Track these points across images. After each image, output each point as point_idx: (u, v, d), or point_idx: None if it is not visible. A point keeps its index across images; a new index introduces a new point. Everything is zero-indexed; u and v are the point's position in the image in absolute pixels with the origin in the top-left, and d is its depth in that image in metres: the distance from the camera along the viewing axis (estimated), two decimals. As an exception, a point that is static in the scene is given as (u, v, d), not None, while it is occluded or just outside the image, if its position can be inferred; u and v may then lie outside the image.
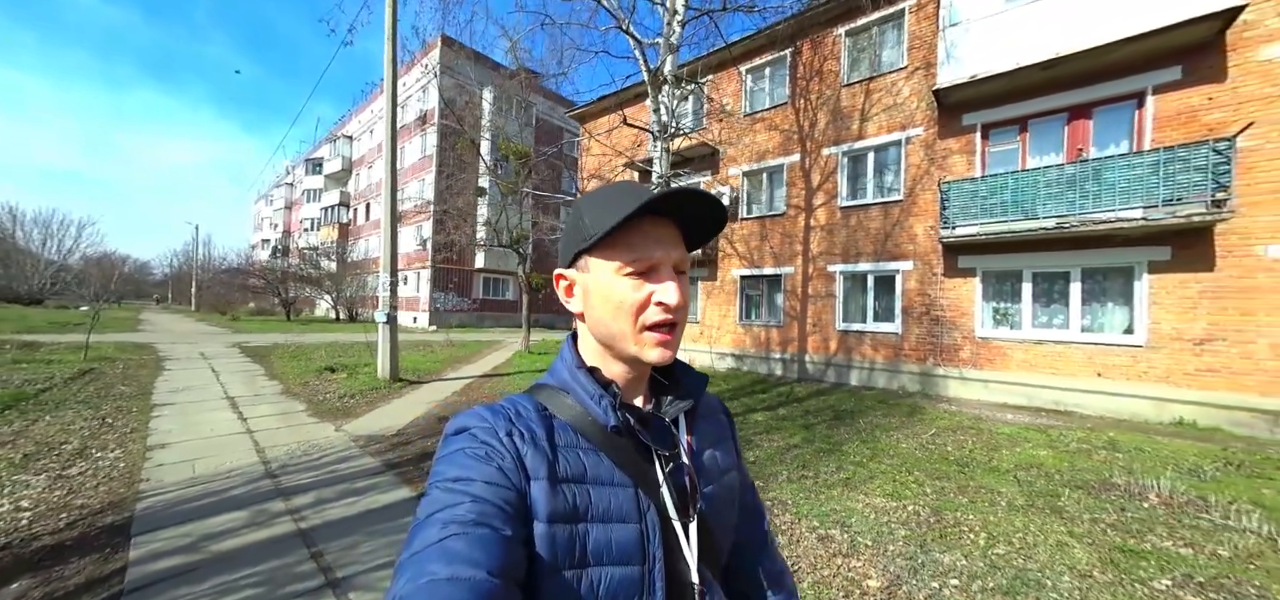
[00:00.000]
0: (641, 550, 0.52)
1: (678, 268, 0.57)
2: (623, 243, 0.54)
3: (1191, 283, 6.59)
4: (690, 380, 0.65)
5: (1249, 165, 6.21)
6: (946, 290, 8.83)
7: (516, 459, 0.50)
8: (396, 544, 2.81)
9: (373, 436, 4.85)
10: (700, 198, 0.54)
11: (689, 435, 0.63)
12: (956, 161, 8.78)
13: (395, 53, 7.44)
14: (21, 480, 3.47)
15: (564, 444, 0.54)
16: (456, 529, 0.42)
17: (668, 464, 0.57)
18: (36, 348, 9.82)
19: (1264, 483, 4.19)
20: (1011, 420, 6.57)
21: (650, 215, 0.55)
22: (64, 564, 2.47)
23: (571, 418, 0.56)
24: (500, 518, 0.45)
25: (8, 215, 33.59)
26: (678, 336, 0.57)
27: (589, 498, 0.52)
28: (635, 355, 0.56)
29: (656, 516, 0.54)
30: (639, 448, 0.57)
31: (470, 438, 0.51)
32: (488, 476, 0.47)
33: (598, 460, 0.54)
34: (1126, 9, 6.63)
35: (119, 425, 4.92)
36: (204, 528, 2.85)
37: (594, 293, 0.57)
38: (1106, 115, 7.45)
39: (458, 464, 0.49)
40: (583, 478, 0.52)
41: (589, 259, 0.57)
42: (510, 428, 0.52)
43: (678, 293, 0.55)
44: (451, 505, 0.44)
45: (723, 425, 0.72)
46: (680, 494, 0.57)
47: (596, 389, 0.57)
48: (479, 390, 7.60)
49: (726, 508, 0.65)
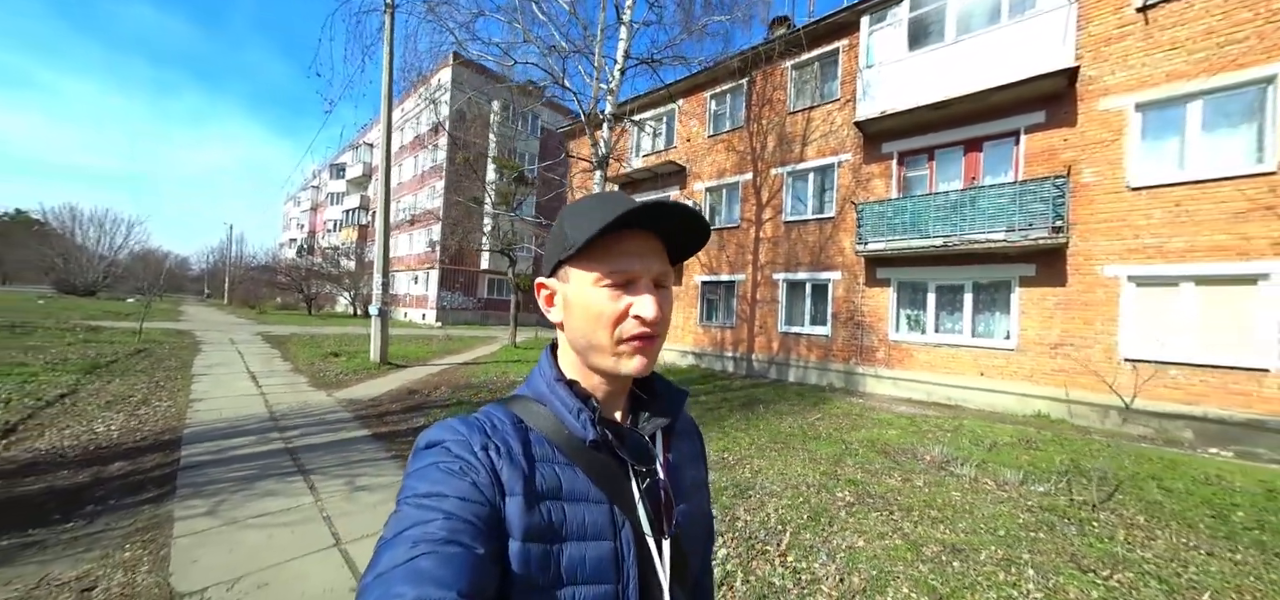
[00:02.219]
0: (616, 568, 0.51)
1: (659, 281, 0.56)
2: (602, 254, 0.53)
3: (1050, 296, 7.63)
4: (669, 395, 0.65)
5: (1090, 198, 7.25)
6: (868, 298, 9.95)
7: (492, 474, 0.49)
8: (344, 454, 4.26)
9: (353, 400, 6.36)
10: (680, 212, 0.53)
11: (666, 452, 0.62)
12: (877, 184, 9.92)
13: (391, 93, 9.02)
14: (108, 416, 5.06)
15: (540, 457, 0.53)
16: (427, 547, 0.40)
17: (644, 480, 0.56)
18: (100, 331, 11.79)
19: (1029, 453, 5.31)
20: (901, 410, 7.68)
21: (632, 228, 0.54)
22: (141, 456, 3.99)
23: (548, 431, 0.55)
24: (473, 535, 0.43)
25: (68, 215, 37.11)
26: (656, 349, 0.56)
27: (564, 514, 0.50)
28: (612, 367, 0.55)
29: (631, 534, 0.54)
30: (616, 463, 0.56)
31: (443, 451, 0.50)
32: (461, 492, 0.46)
33: (573, 475, 0.53)
34: (997, 62, 7.72)
35: (169, 386, 6.56)
36: (227, 444, 4.35)
37: (573, 303, 0.56)
38: (993, 149, 8.52)
39: (429, 479, 0.47)
40: (558, 493, 0.51)
41: (569, 269, 0.56)
42: (486, 441, 0.51)
43: (655, 306, 0.53)
44: (422, 522, 0.43)
45: (696, 443, 0.72)
46: (655, 511, 0.56)
47: (575, 403, 0.56)
48: (454, 374, 9.08)
49: (698, 526, 0.65)
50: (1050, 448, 5.61)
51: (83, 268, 33.98)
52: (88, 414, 5.06)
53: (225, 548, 2.65)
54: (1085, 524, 3.48)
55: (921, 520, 3.41)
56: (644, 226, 0.54)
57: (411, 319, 28.77)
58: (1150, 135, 6.95)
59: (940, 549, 2.99)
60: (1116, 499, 4.02)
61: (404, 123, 29.90)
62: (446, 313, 27.52)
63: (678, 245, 0.58)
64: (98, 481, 3.48)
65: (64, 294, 31.42)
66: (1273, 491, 4.27)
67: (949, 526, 3.33)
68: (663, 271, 0.56)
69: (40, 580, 2.30)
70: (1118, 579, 2.72)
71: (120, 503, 3.16)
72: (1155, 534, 3.37)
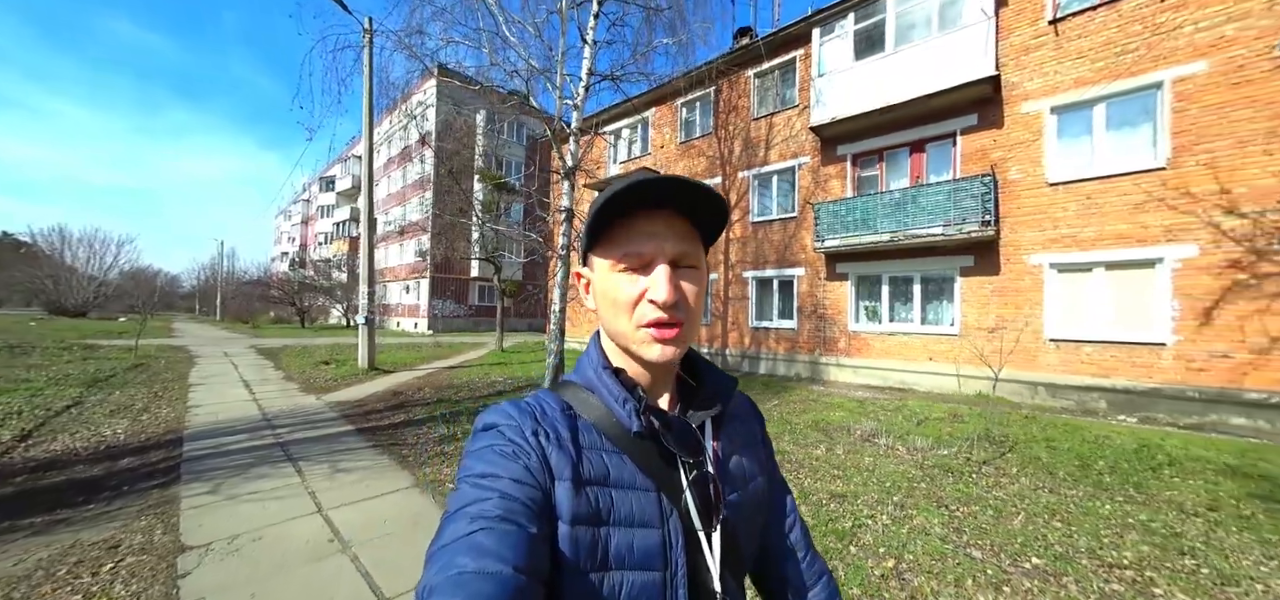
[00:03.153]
0: (663, 556, 0.51)
1: (680, 261, 0.54)
2: (617, 238, 0.54)
3: (986, 284, 8.28)
4: (718, 383, 0.64)
5: (1016, 193, 7.92)
6: (829, 292, 10.58)
7: (542, 458, 0.50)
8: (329, 446, 4.80)
9: (341, 402, 6.88)
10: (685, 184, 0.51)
11: (715, 440, 0.62)
12: (835, 185, 10.56)
13: (371, 115, 9.55)
14: (113, 422, 5.56)
15: (588, 445, 0.54)
16: (484, 524, 0.42)
17: (692, 471, 0.56)
18: (97, 349, 12.20)
19: (953, 425, 5.93)
20: (855, 395, 8.28)
21: (646, 209, 0.53)
22: (147, 453, 4.51)
23: (596, 418, 0.56)
24: (526, 515, 0.45)
25: (57, 237, 37.19)
26: (683, 334, 0.54)
27: (612, 501, 0.51)
28: (637, 354, 0.55)
29: (679, 523, 0.53)
30: (663, 453, 0.55)
31: (498, 434, 0.52)
32: (515, 474, 0.48)
33: (621, 463, 0.54)
34: (931, 70, 8.39)
35: (168, 396, 7.05)
36: (224, 440, 4.88)
37: (598, 290, 0.57)
38: (935, 150, 9.19)
39: (486, 460, 0.49)
40: (606, 480, 0.52)
41: (593, 257, 0.57)
42: (536, 427, 0.52)
43: (668, 287, 0.52)
44: (479, 500, 0.45)
45: (753, 427, 0.71)
46: (704, 501, 0.56)
47: (621, 391, 0.56)
48: (438, 378, 9.60)
49: (753, 515, 0.64)
50: (973, 421, 6.23)
51: (73, 288, 34.09)
52: (94, 421, 5.56)
53: (225, 516, 3.19)
54: (965, 476, 4.09)
55: (821, 478, 4.00)
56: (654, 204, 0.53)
57: (404, 328, 29.18)
58: (1065, 135, 7.63)
59: (827, 497, 3.58)
60: (1007, 457, 4.64)
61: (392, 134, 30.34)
62: (438, 321, 27.94)
63: (703, 225, 0.57)
64: (111, 474, 4.00)
65: (55, 315, 31.53)
66: (1142, 448, 4.91)
67: (845, 482, 3.92)
68: (682, 252, 0.54)
69: (73, 543, 2.84)
70: (963, 511, 3.33)
71: (133, 488, 3.68)
72: (1018, 480, 3.99)
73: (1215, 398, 6.18)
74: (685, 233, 0.55)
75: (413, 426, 5.56)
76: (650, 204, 0.53)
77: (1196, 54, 6.33)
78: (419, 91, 18.12)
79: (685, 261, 0.55)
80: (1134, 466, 4.37)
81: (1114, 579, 2.49)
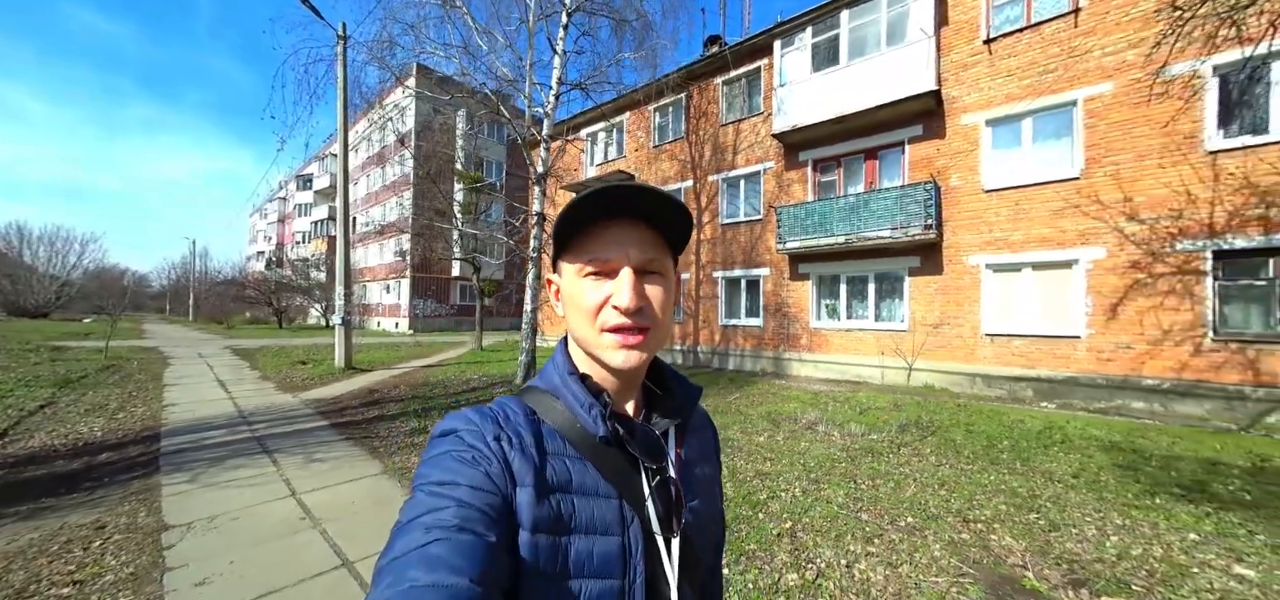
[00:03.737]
0: (623, 563, 0.52)
1: (644, 268, 0.55)
2: (583, 245, 0.55)
3: (931, 283, 8.93)
4: (683, 392, 0.65)
5: (957, 199, 8.56)
6: (792, 291, 11.15)
7: (504, 464, 0.50)
8: (303, 439, 5.09)
9: (316, 400, 7.12)
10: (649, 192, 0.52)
11: (678, 448, 0.62)
12: (797, 189, 11.12)
13: (345, 120, 9.72)
14: (89, 420, 5.73)
15: (552, 450, 0.53)
16: (440, 534, 0.41)
17: (654, 477, 0.57)
18: (65, 351, 12.07)
19: (892, 414, 6.49)
20: (813, 388, 8.82)
21: (610, 216, 0.54)
22: (125, 448, 4.74)
23: (560, 424, 0.55)
24: (485, 523, 0.44)
25: (15, 233, 35.76)
26: (648, 341, 0.54)
27: (574, 507, 0.51)
28: (602, 360, 0.55)
29: (640, 530, 0.54)
30: (626, 459, 0.56)
31: (457, 440, 0.51)
32: (473, 481, 0.47)
33: (584, 469, 0.53)
34: (880, 84, 8.98)
35: (142, 396, 7.19)
36: (201, 436, 5.12)
37: (564, 296, 0.58)
38: (887, 157, 9.81)
39: (443, 467, 0.48)
40: (568, 487, 0.52)
41: (561, 263, 0.58)
42: (498, 432, 0.52)
43: (631, 294, 0.52)
44: (435, 509, 0.44)
45: (709, 440, 0.72)
46: (665, 508, 0.56)
47: (587, 397, 0.56)
48: (413, 376, 9.85)
49: (710, 524, 0.65)
50: (910, 409, 6.82)
51: (33, 288, 32.87)
52: (70, 419, 5.73)
53: (204, 500, 3.50)
54: (882, 456, 4.61)
55: (754, 459, 4.47)
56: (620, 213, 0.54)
57: (385, 328, 29.01)
58: (998, 146, 8.29)
59: (753, 475, 4.05)
60: (927, 440, 5.19)
61: (370, 131, 30.06)
62: (419, 320, 27.88)
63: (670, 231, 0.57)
64: (91, 467, 4.24)
65: (13, 316, 30.41)
66: (1046, 430, 5.52)
67: (774, 463, 4.40)
68: (647, 258, 0.55)
69: (61, 526, 3.12)
70: (867, 484, 3.83)
71: (113, 480, 3.94)
72: (928, 458, 4.52)
73: (1120, 384, 6.89)
74: (651, 240, 0.56)
75: (386, 421, 5.87)
76: (615, 211, 0.54)
77: (1104, 76, 7.02)
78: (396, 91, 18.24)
79: (650, 268, 0.55)
80: (1031, 445, 4.96)
81: (965, 531, 3.01)
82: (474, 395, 7.74)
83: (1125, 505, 3.41)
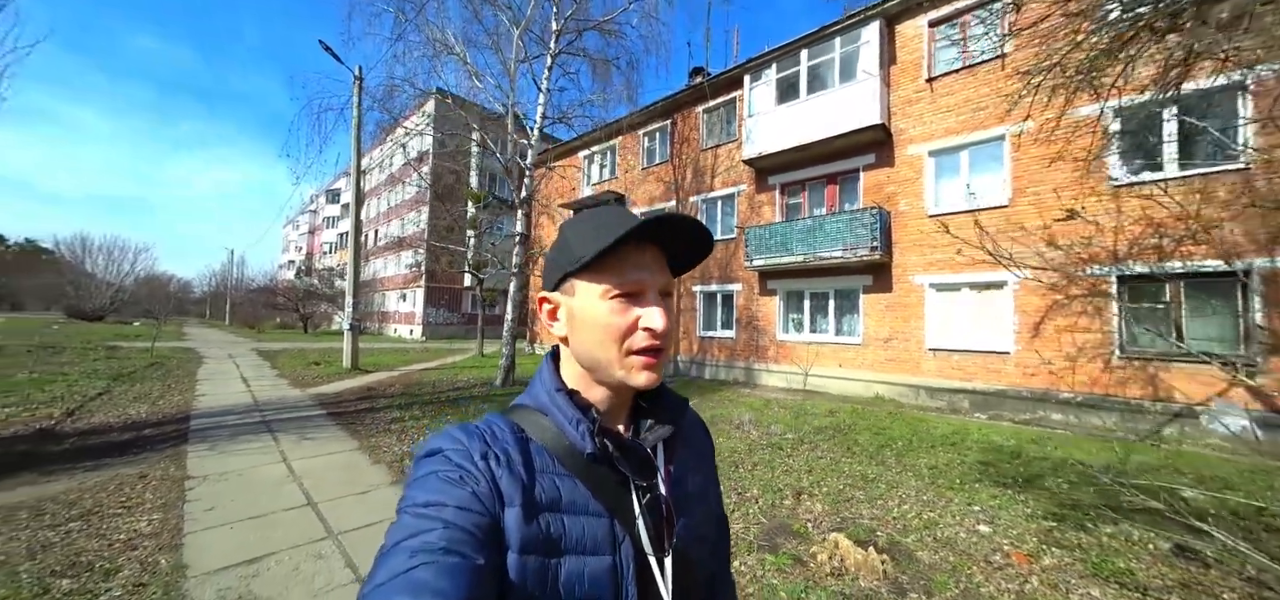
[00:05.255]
0: (614, 584, 0.51)
1: (664, 291, 0.56)
2: (610, 267, 0.54)
3: (882, 300, 9.54)
4: (670, 403, 0.65)
5: (905, 223, 9.21)
6: (761, 305, 11.86)
7: (492, 483, 0.49)
8: (301, 423, 6.14)
9: (321, 394, 8.25)
10: (689, 225, 0.54)
11: (668, 463, 0.62)
12: (766, 211, 11.89)
13: (359, 149, 11.04)
14: (137, 405, 6.96)
15: (540, 468, 0.53)
16: (425, 558, 0.41)
17: (645, 495, 0.56)
18: (117, 350, 13.74)
19: (828, 419, 7.16)
20: (770, 396, 9.50)
21: (637, 240, 0.54)
22: (164, 426, 5.89)
23: (548, 441, 0.55)
24: (472, 545, 0.43)
25: (79, 244, 39.32)
26: (663, 360, 0.56)
27: (563, 527, 0.50)
28: (621, 380, 0.55)
29: (631, 549, 0.53)
30: (616, 476, 0.55)
31: (443, 460, 0.50)
32: (460, 501, 0.46)
33: (573, 487, 0.53)
34: (836, 116, 9.74)
35: (179, 387, 8.46)
36: (221, 418, 6.25)
37: (579, 317, 0.56)
38: (845, 183, 10.51)
39: (429, 488, 0.47)
40: (557, 505, 0.51)
41: (576, 282, 0.56)
42: (485, 450, 0.51)
43: (663, 318, 0.54)
44: (421, 531, 0.43)
45: (703, 446, 0.72)
46: (656, 526, 0.56)
47: (575, 413, 0.55)
48: (410, 377, 10.95)
49: (706, 536, 0.64)
50: (843, 415, 7.46)
51: (92, 294, 36.02)
52: (121, 404, 6.97)
53: (219, 462, 4.54)
54: (782, 450, 5.33)
55: (665, 448, 5.28)
56: (654, 240, 0.55)
57: (400, 334, 30.67)
58: (941, 175, 8.93)
59: (656, 459, 4.86)
60: (833, 439, 5.88)
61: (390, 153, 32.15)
62: (432, 328, 29.41)
63: (679, 256, 0.59)
64: (137, 438, 5.37)
65: (74, 319, 33.42)
66: (951, 435, 6.12)
67: (681, 452, 5.20)
68: (667, 282, 0.57)
69: (115, 474, 4.19)
70: (746, 470, 4.59)
71: (153, 447, 5.04)
72: (820, 452, 5.23)
73: (1042, 397, 7.39)
74: (666, 264, 0.58)
75: (373, 412, 6.90)
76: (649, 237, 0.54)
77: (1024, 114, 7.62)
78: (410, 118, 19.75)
79: (668, 290, 0.57)
80: (921, 446, 5.60)
81: (791, 499, 3.76)
82: (458, 393, 8.73)
83: (947, 489, 4.09)
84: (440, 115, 23.87)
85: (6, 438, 5.07)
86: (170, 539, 2.99)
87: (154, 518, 3.29)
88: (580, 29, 10.04)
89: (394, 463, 4.65)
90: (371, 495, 3.86)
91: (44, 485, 3.82)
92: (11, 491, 3.66)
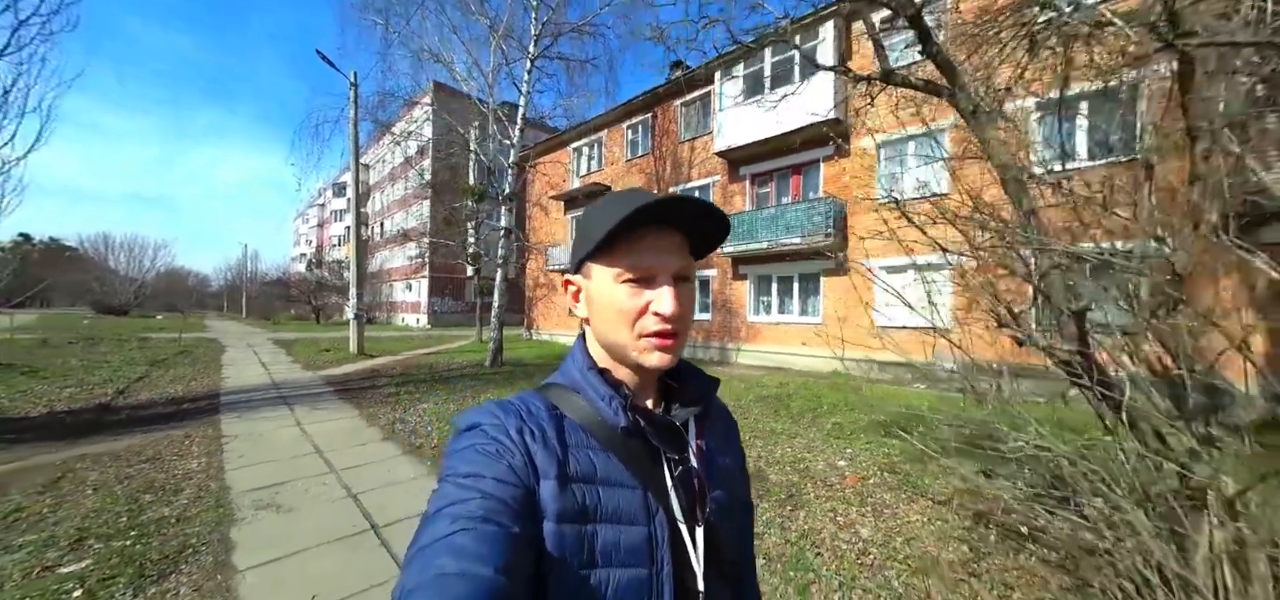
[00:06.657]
0: (649, 553, 0.52)
1: (680, 275, 0.56)
2: (622, 251, 0.55)
3: (840, 283, 10.31)
4: (700, 383, 0.66)
5: (858, 212, 9.91)
6: (733, 289, 12.68)
7: (526, 457, 0.51)
8: (313, 398, 7.18)
9: (329, 375, 9.32)
10: (698, 206, 0.54)
11: (699, 439, 0.63)
12: (738, 200, 12.62)
13: (356, 149, 11.95)
14: (174, 386, 8.06)
15: (574, 443, 0.54)
16: (465, 524, 0.43)
17: (676, 467, 0.57)
18: (148, 340, 15.03)
19: (768, 389, 8.03)
20: (738, 373, 10.36)
21: (652, 224, 0.55)
22: (198, 401, 6.96)
23: (581, 417, 0.57)
24: (509, 515, 0.45)
25: (102, 242, 41.12)
26: (680, 343, 0.56)
27: (598, 498, 0.52)
28: (635, 362, 0.57)
29: (665, 520, 0.55)
30: (648, 450, 0.57)
31: (481, 434, 0.52)
32: (498, 473, 0.48)
33: (607, 460, 0.54)
34: (797, 112, 10.37)
35: (207, 371, 9.59)
36: (245, 394, 7.32)
37: (595, 300, 0.58)
38: (808, 173, 11.20)
39: (468, 460, 0.50)
40: (592, 478, 0.53)
41: (592, 266, 0.58)
42: (521, 425, 0.53)
43: (674, 302, 0.54)
44: (461, 500, 0.45)
45: (730, 429, 0.73)
46: (689, 498, 0.57)
47: (607, 390, 0.57)
48: (411, 361, 12.00)
49: (735, 513, 0.66)
50: (791, 386, 8.34)
51: (116, 289, 37.86)
52: (161, 385, 8.08)
53: (246, 426, 5.57)
54: (716, 414, 6.24)
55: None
56: (662, 221, 0.55)
57: (407, 323, 31.96)
58: (890, 165, 9.59)
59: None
60: (765, 404, 6.76)
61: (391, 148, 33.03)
62: (437, 316, 30.64)
63: (699, 238, 0.59)
64: (178, 411, 6.44)
65: (101, 314, 35.25)
66: (880, 400, 6.97)
67: (630, 415, 6.13)
68: (683, 266, 0.57)
69: (165, 435, 5.22)
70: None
71: (192, 417, 6.09)
72: (752, 415, 6.11)
73: (973, 369, 8.16)
74: (684, 247, 0.58)
75: (374, 390, 7.92)
76: (661, 220, 0.55)
77: (957, 108, 8.26)
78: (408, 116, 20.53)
79: (685, 274, 0.57)
80: (839, 409, 6.46)
81: (698, 446, 4.66)
82: (451, 373, 9.73)
83: (835, 438, 4.96)
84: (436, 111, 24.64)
85: (77, 409, 6.20)
86: (216, 473, 4.00)
87: (202, 461, 4.31)
88: (557, 34, 10.75)
89: (387, 426, 5.63)
90: (367, 447, 4.85)
91: (113, 442, 4.87)
92: (93, 445, 4.72)
